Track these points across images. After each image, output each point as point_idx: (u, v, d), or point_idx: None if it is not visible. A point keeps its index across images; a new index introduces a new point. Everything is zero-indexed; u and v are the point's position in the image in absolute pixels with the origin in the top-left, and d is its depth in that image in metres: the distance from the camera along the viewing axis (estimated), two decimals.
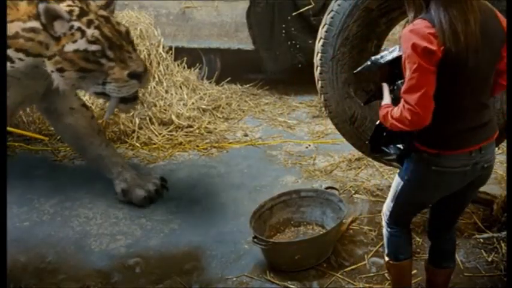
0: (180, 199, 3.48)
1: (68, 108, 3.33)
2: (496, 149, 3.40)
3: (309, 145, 4.28)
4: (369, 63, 2.13)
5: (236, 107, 5.08)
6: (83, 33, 2.74)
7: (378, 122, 2.09)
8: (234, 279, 2.71)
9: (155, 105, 4.65)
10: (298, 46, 5.12)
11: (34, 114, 4.36)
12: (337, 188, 3.22)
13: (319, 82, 3.11)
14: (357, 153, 3.71)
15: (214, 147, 4.23)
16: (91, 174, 3.55)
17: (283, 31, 5.13)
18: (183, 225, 3.20)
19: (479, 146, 1.92)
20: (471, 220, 3.07)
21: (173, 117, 4.53)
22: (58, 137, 4.27)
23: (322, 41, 3.01)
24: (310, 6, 4.91)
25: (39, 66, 2.82)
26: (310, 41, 4.76)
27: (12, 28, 2.71)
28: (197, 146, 4.24)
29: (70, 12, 2.74)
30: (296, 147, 4.25)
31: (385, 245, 2.31)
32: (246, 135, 4.49)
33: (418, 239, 2.89)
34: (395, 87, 2.04)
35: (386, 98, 2.02)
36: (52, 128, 4.32)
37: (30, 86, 3.06)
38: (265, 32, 5.20)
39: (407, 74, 1.79)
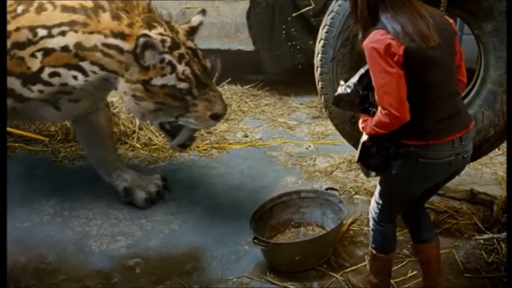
0: (180, 200, 3.48)
1: (96, 106, 3.28)
2: (496, 149, 3.45)
3: (309, 146, 4.28)
4: (343, 87, 2.19)
5: (236, 108, 5.08)
6: (174, 68, 2.62)
7: (364, 140, 2.16)
8: (234, 280, 2.71)
9: None
10: (298, 47, 5.12)
11: None
12: (338, 189, 3.21)
13: (320, 83, 3.11)
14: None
15: (215, 148, 4.23)
16: (91, 175, 3.55)
17: (284, 32, 5.13)
18: (183, 226, 3.20)
19: (460, 134, 2.05)
20: (471, 221, 3.07)
21: None
22: (58, 138, 4.28)
23: (322, 41, 3.02)
24: (310, 7, 4.92)
25: (109, 80, 2.73)
26: (310, 42, 4.76)
27: (90, 40, 2.58)
28: (197, 147, 4.24)
29: (162, 42, 2.60)
30: (296, 148, 4.25)
31: (373, 240, 2.41)
32: (246, 136, 4.49)
33: None
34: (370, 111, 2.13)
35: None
36: (52, 129, 4.34)
37: (99, 95, 3.02)
38: (265, 33, 5.21)
39: (375, 81, 1.96)
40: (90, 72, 2.65)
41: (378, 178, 2.34)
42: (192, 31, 2.87)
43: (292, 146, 4.29)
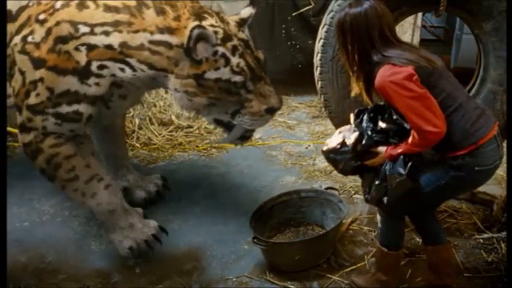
0: (180, 199, 3.48)
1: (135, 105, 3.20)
2: None
3: (309, 145, 4.28)
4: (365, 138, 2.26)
5: None
6: (228, 61, 2.48)
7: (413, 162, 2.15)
8: (234, 279, 2.71)
9: (155, 106, 4.66)
10: (298, 46, 5.12)
11: None
12: (337, 189, 3.21)
13: (319, 82, 3.11)
14: None
15: (214, 147, 4.23)
16: None
17: (283, 31, 5.13)
18: (183, 226, 3.20)
19: (496, 127, 2.13)
20: (471, 220, 3.07)
21: (173, 117, 4.53)
22: None
23: (322, 41, 3.02)
24: (310, 7, 4.92)
25: (157, 79, 2.59)
26: (310, 42, 4.77)
27: (136, 39, 2.45)
28: (197, 147, 4.24)
29: (215, 33, 2.45)
30: (296, 147, 4.26)
31: (384, 237, 2.42)
32: None
33: (418, 239, 2.88)
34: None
35: (382, 149, 2.21)
36: None
37: (143, 92, 2.99)
38: (265, 32, 5.20)
39: (407, 111, 2.02)
40: (138, 69, 2.53)
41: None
42: (243, 23, 2.75)
43: (292, 145, 4.29)
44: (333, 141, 2.38)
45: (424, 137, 2.02)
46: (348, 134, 2.33)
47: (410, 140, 2.08)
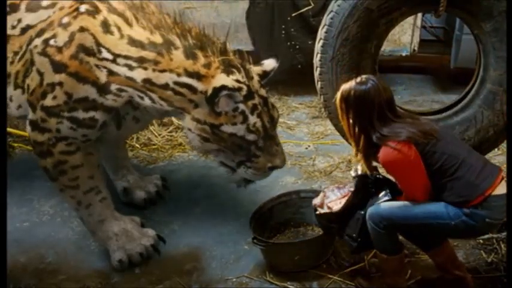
0: (179, 200, 3.48)
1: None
2: (496, 149, 3.45)
3: (309, 146, 4.28)
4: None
5: None
6: (245, 119, 2.54)
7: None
8: (234, 279, 2.71)
9: None
10: (297, 47, 5.12)
11: None
12: None
13: (319, 83, 3.11)
14: None
15: None
16: None
17: (283, 32, 5.12)
18: (182, 226, 3.20)
19: (500, 175, 2.21)
20: None
21: (173, 117, 4.52)
22: None
23: (321, 41, 3.02)
24: (310, 7, 4.91)
25: (171, 113, 2.66)
26: (309, 42, 4.76)
27: (161, 78, 2.48)
28: None
29: (239, 90, 2.50)
30: (296, 147, 4.25)
31: (380, 245, 2.42)
32: None
33: None
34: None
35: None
36: None
37: (155, 118, 3.06)
38: (264, 33, 5.20)
39: (406, 186, 2.28)
40: (158, 103, 2.56)
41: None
42: (265, 75, 2.84)
43: (292, 145, 4.29)
44: (317, 200, 2.67)
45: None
46: (329, 194, 2.64)
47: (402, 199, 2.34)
